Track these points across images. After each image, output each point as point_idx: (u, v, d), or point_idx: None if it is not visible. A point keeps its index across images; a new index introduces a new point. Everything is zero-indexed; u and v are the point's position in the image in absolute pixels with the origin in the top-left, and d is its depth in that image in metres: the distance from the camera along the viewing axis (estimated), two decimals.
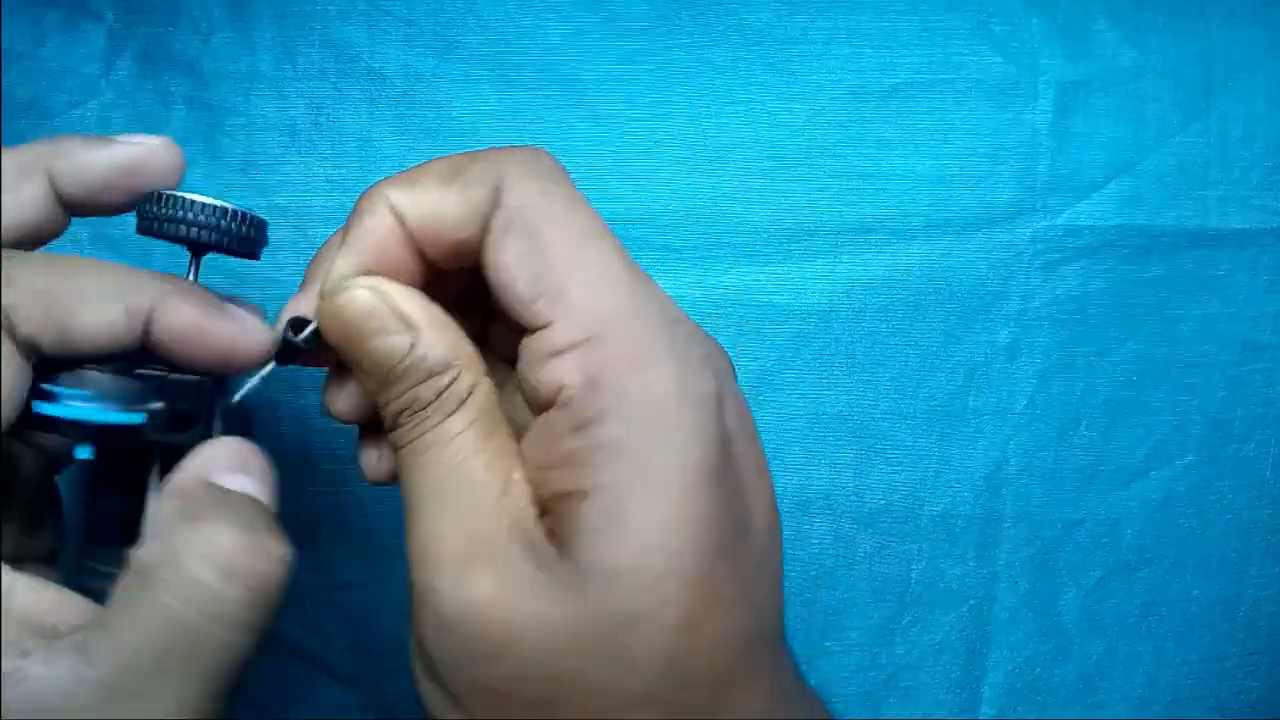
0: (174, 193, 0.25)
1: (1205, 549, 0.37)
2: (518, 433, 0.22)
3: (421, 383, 0.22)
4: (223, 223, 0.26)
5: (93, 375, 0.23)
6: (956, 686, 0.36)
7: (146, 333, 0.23)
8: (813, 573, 0.36)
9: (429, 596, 0.21)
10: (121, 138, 0.26)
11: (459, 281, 0.24)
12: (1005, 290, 0.36)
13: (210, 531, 0.21)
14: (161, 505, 0.22)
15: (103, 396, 0.23)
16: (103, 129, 0.35)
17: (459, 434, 0.22)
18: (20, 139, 0.35)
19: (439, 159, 0.23)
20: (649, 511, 0.20)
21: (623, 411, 0.20)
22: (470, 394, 0.22)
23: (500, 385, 0.24)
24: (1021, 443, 0.36)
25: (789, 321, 0.35)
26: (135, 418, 0.23)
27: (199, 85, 0.35)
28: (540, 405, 0.21)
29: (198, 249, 0.26)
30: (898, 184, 0.35)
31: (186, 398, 0.24)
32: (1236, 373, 0.36)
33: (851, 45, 0.36)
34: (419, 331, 0.22)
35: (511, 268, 0.21)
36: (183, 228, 0.25)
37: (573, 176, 0.35)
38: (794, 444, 0.35)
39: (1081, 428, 0.36)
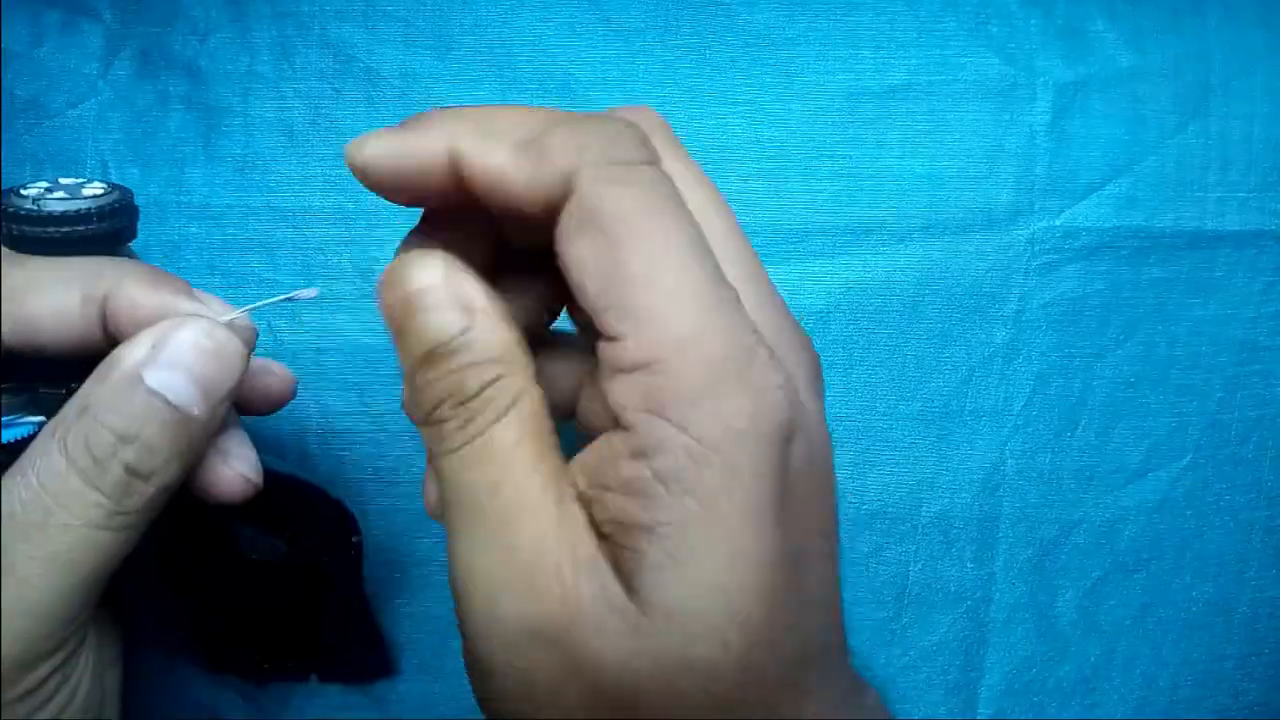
0: (17, 192, 0.24)
1: (1203, 550, 0.37)
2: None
3: (467, 368, 0.21)
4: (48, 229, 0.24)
5: None
6: (954, 687, 0.36)
7: (104, 319, 0.23)
8: None
9: (482, 626, 0.20)
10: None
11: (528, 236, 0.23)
12: (1003, 291, 0.36)
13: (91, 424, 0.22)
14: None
15: None
16: (101, 128, 0.35)
17: (512, 446, 0.20)
18: (19, 138, 0.35)
19: (518, 111, 0.21)
20: (715, 553, 0.19)
21: (686, 445, 0.19)
22: (518, 399, 0.21)
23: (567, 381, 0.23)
24: (1019, 444, 0.36)
25: None
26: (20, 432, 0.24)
27: (197, 85, 0.35)
28: (609, 420, 0.20)
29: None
30: (895, 185, 0.35)
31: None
32: (1234, 374, 0.36)
33: (849, 46, 0.36)
34: (476, 316, 0.21)
35: (581, 270, 0.20)
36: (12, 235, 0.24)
37: None
38: None
39: (1079, 429, 0.36)
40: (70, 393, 0.23)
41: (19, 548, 0.21)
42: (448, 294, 0.21)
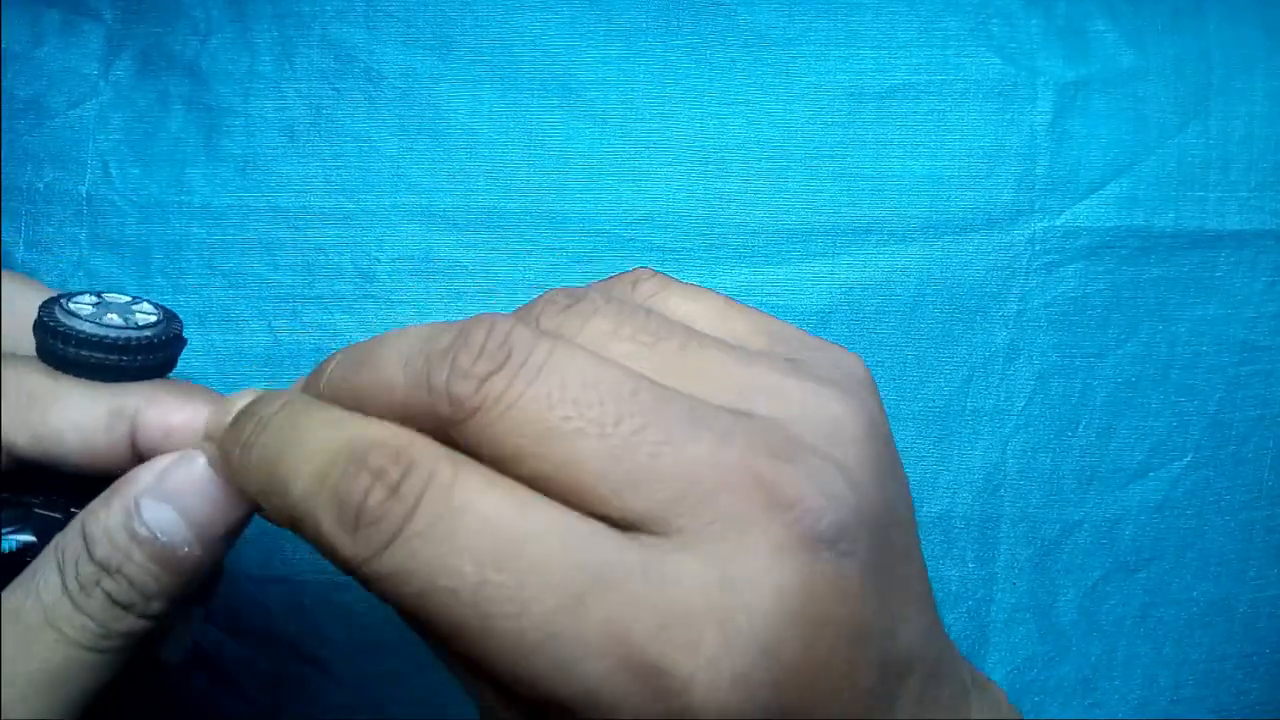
0: (65, 307, 0.23)
1: (1204, 550, 0.37)
2: None
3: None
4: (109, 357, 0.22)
5: None
6: None
7: (134, 436, 0.22)
8: None
9: None
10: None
11: None
12: (1004, 291, 0.36)
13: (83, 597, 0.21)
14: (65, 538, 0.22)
15: None
16: (102, 129, 0.35)
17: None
18: (19, 139, 0.35)
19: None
20: None
21: None
22: None
23: None
24: (1020, 444, 0.36)
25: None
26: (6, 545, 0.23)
27: (198, 85, 0.35)
28: None
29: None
30: (896, 185, 0.35)
31: (50, 534, 0.22)
32: (1235, 374, 0.36)
33: (850, 46, 0.36)
34: None
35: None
36: (63, 361, 0.22)
37: (571, 177, 0.35)
38: None
39: (1080, 429, 0.36)
40: (67, 518, 0.22)
41: (17, 659, 0.21)
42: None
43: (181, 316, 0.25)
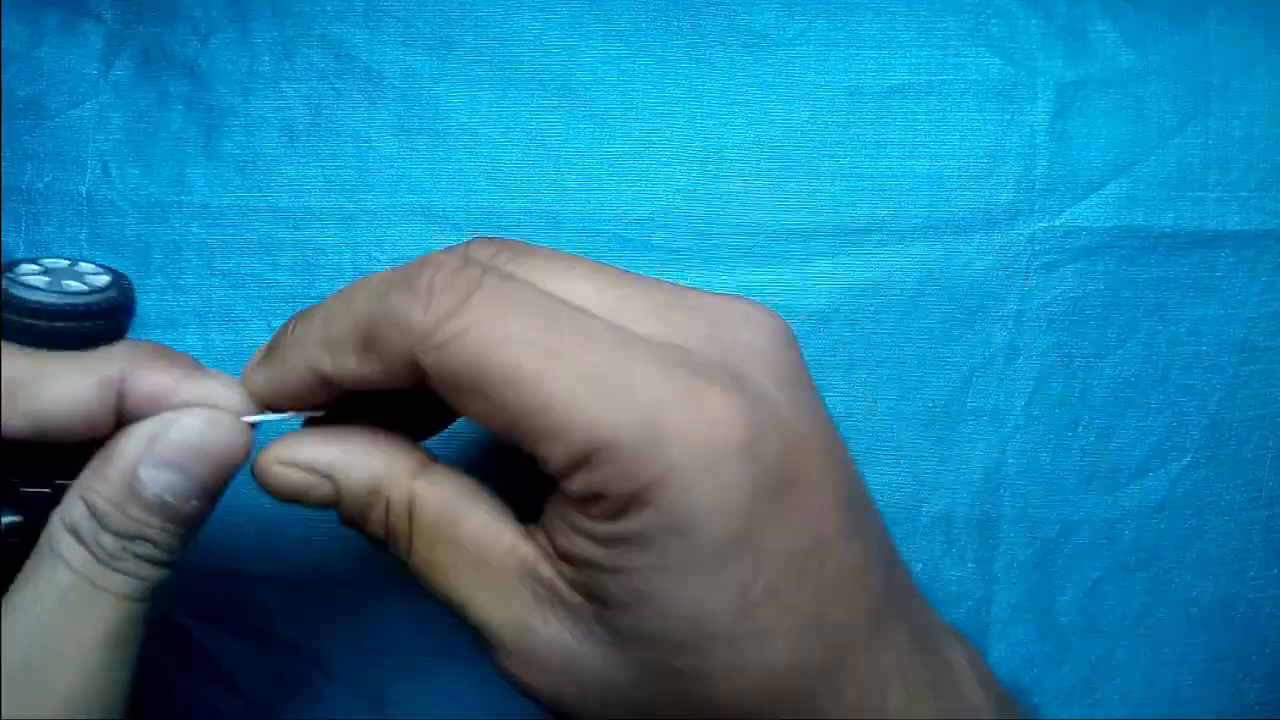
0: (18, 280, 0.22)
1: (1203, 550, 0.37)
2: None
3: (358, 518, 0.23)
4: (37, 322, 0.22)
5: None
6: None
7: (120, 403, 0.23)
8: None
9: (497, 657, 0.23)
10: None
11: None
12: (1003, 291, 0.36)
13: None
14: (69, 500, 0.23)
15: None
16: (101, 129, 0.35)
17: (419, 559, 0.23)
18: (19, 139, 0.35)
19: (346, 301, 0.23)
20: (681, 595, 0.20)
21: (642, 509, 0.20)
22: (412, 510, 0.23)
23: None
24: (1019, 444, 0.36)
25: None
26: None
27: (198, 86, 0.35)
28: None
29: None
30: (896, 185, 0.35)
31: (41, 511, 0.22)
32: (1235, 374, 0.36)
33: (850, 46, 0.36)
34: (336, 476, 0.23)
35: (487, 421, 0.21)
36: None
37: (571, 177, 0.35)
38: None
39: (1079, 429, 0.36)
40: (56, 491, 0.22)
41: (74, 627, 0.22)
42: (307, 479, 0.23)
43: (181, 316, 0.25)
